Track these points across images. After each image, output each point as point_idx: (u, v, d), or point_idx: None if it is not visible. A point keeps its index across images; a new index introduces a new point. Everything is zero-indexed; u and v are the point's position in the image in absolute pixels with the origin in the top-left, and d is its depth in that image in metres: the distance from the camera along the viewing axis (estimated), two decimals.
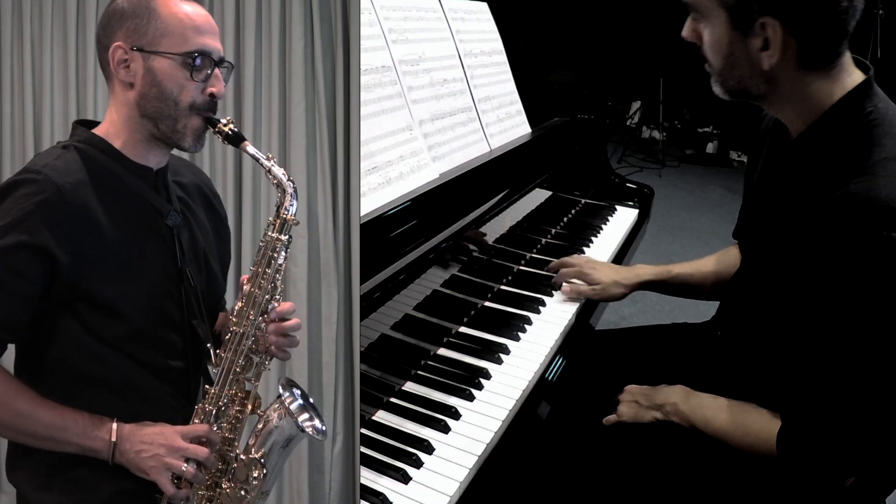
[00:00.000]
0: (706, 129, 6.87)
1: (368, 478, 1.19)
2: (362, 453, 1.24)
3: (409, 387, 1.43)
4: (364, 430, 1.31)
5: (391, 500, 1.15)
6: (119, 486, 1.19)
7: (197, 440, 1.18)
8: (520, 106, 2.19)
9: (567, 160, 2.35)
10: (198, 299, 1.27)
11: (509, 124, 2.10)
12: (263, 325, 1.22)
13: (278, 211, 1.21)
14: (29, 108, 2.51)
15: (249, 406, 1.24)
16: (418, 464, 1.22)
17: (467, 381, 1.43)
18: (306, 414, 1.22)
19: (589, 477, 1.38)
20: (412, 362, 1.48)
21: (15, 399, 1.14)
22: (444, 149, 1.76)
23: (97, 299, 1.16)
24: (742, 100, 1.25)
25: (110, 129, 1.23)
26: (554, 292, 1.80)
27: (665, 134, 6.72)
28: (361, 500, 1.16)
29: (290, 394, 1.22)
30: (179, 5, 1.20)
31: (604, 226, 2.30)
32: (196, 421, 1.21)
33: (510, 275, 1.89)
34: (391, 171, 1.53)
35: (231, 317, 1.23)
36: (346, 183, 2.27)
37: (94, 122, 1.27)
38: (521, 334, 1.61)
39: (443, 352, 1.55)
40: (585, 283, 1.78)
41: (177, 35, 1.18)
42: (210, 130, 1.22)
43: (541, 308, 1.73)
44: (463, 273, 1.65)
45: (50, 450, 1.17)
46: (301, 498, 2.32)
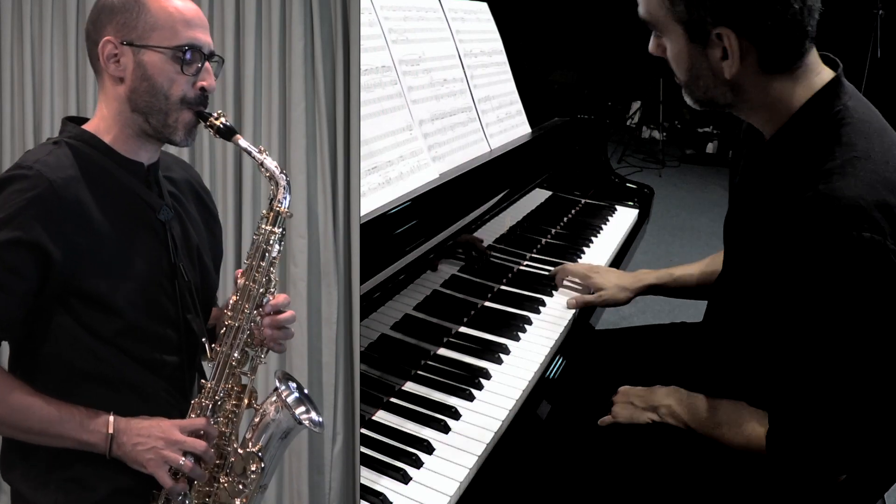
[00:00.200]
0: (706, 129, 6.87)
1: (368, 478, 1.19)
2: (362, 453, 1.24)
3: (409, 387, 1.43)
4: (364, 430, 1.31)
5: (391, 500, 1.15)
6: (116, 484, 1.18)
7: (195, 434, 1.17)
8: (520, 106, 2.20)
9: (567, 160, 2.35)
10: (192, 294, 1.27)
11: (509, 124, 2.10)
12: (258, 319, 1.22)
13: (271, 204, 1.21)
14: (29, 108, 2.51)
15: (245, 400, 1.24)
16: (418, 464, 1.22)
17: (467, 381, 1.43)
18: (303, 407, 1.22)
19: (588, 477, 1.38)
20: (412, 362, 1.48)
21: (10, 394, 1.13)
22: (444, 149, 1.76)
23: (91, 295, 1.15)
24: (712, 109, 1.26)
25: (100, 125, 1.23)
26: (554, 292, 1.81)
27: (665, 134, 6.72)
28: (361, 500, 1.16)
29: (286, 387, 1.22)
30: None
31: (604, 226, 2.30)
32: (192, 416, 1.21)
33: (510, 275, 1.89)
34: (391, 171, 1.53)
35: (226, 311, 1.23)
36: (346, 183, 2.27)
37: (84, 119, 1.26)
38: (521, 334, 1.61)
39: (443, 352, 1.55)
40: (589, 290, 1.79)
41: (167, 29, 1.18)
42: (202, 124, 1.21)
43: (541, 308, 1.73)
44: (463, 273, 1.65)
45: (46, 445, 1.16)
46: (301, 498, 2.32)
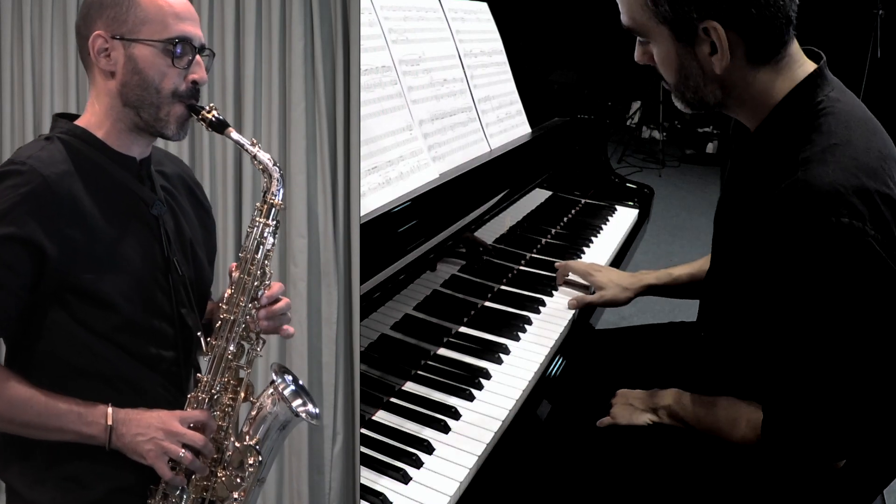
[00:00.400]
0: (706, 129, 6.87)
1: (368, 478, 1.19)
2: (362, 453, 1.24)
3: (410, 387, 1.43)
4: (364, 430, 1.31)
5: (391, 500, 1.15)
6: (113, 483, 1.18)
7: (195, 426, 1.17)
8: (520, 106, 2.19)
9: (567, 160, 2.35)
10: (186, 288, 1.27)
11: (509, 124, 2.10)
12: (254, 312, 1.22)
13: (265, 196, 1.21)
14: (29, 108, 2.51)
15: (242, 394, 1.23)
16: (418, 464, 1.22)
17: (467, 381, 1.43)
18: (300, 399, 1.22)
19: (588, 477, 1.38)
20: (412, 362, 1.48)
21: (6, 388, 1.13)
22: (444, 149, 1.76)
23: (87, 290, 1.15)
24: (703, 110, 1.27)
25: (92, 120, 1.22)
26: (554, 292, 1.81)
27: (665, 134, 6.72)
28: (361, 500, 1.16)
29: (282, 379, 1.22)
30: None
31: (604, 226, 2.30)
32: (190, 410, 1.21)
33: (510, 275, 1.89)
34: (391, 171, 1.53)
35: (221, 304, 1.22)
36: (346, 183, 2.27)
37: (75, 115, 1.26)
38: (521, 334, 1.61)
39: (443, 352, 1.55)
40: (590, 289, 1.79)
41: (157, 22, 1.18)
42: (194, 118, 1.21)
43: (541, 308, 1.73)
44: (463, 273, 1.65)
45: (45, 439, 1.15)
46: (301, 498, 2.32)
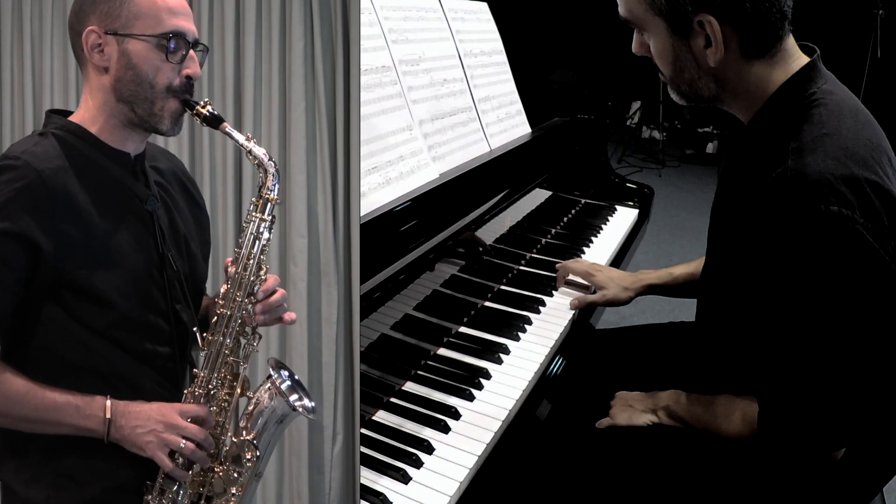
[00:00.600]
0: (706, 129, 6.87)
1: (368, 478, 1.19)
2: (362, 453, 1.24)
3: (410, 387, 1.43)
4: (364, 430, 1.31)
5: (391, 500, 1.15)
6: (109, 481, 1.18)
7: (194, 420, 1.17)
8: (520, 106, 2.19)
9: (567, 160, 2.35)
10: (181, 284, 1.27)
11: (509, 124, 2.10)
12: (250, 307, 1.21)
13: (260, 191, 1.20)
14: (29, 108, 2.50)
15: (238, 389, 1.23)
16: (418, 464, 1.22)
17: (467, 381, 1.43)
18: (296, 394, 1.23)
19: (588, 477, 1.38)
20: (412, 362, 1.48)
21: (4, 382, 1.12)
22: (444, 149, 1.76)
23: (82, 286, 1.15)
24: (697, 103, 1.27)
25: (86, 116, 1.22)
26: (554, 292, 1.81)
27: (665, 134, 6.72)
28: (361, 500, 1.16)
29: (278, 374, 1.23)
30: None
31: (604, 226, 2.30)
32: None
33: (510, 275, 1.89)
34: (391, 171, 1.53)
35: (217, 299, 1.22)
36: (346, 183, 2.27)
37: (68, 111, 1.25)
38: (521, 334, 1.61)
39: (443, 352, 1.55)
40: (590, 289, 1.79)
41: (150, 17, 1.17)
42: (188, 113, 1.21)
43: (541, 308, 1.73)
44: (463, 273, 1.65)
45: (43, 433, 1.15)
46: (301, 498, 2.32)
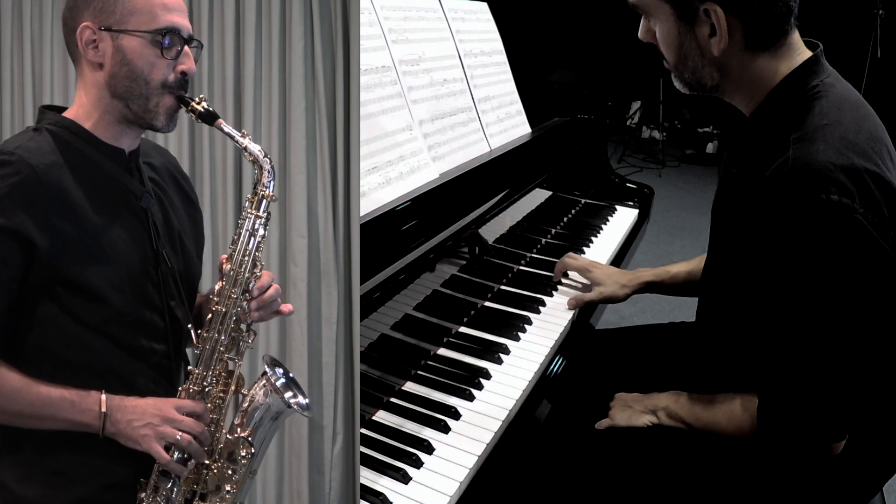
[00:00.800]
0: (706, 129, 6.86)
1: (368, 478, 1.19)
2: (362, 453, 1.24)
3: (409, 387, 1.43)
4: (364, 430, 1.31)
5: (391, 500, 1.15)
6: (104, 479, 1.18)
7: (191, 415, 1.17)
8: (520, 106, 2.20)
9: (567, 160, 2.35)
10: (175, 281, 1.26)
11: (509, 124, 2.10)
12: (245, 304, 1.21)
13: (256, 188, 1.20)
14: (29, 108, 2.50)
15: (233, 386, 1.23)
16: (418, 464, 1.22)
17: (467, 382, 1.43)
18: (290, 391, 1.23)
19: (588, 478, 1.38)
20: (412, 362, 1.48)
21: None
22: (444, 149, 1.76)
23: (77, 282, 1.14)
24: (700, 93, 1.29)
25: (80, 112, 1.22)
26: (554, 292, 1.81)
27: (665, 134, 6.72)
28: (361, 500, 1.16)
29: (273, 372, 1.23)
30: None
31: (604, 226, 2.30)
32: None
33: (510, 275, 1.89)
34: (391, 171, 1.53)
35: (212, 296, 1.22)
36: (346, 183, 2.27)
37: (62, 107, 1.25)
38: (521, 334, 1.61)
39: (443, 352, 1.55)
40: (588, 287, 1.79)
41: (145, 13, 1.17)
42: (183, 109, 1.20)
43: (541, 308, 1.73)
44: (463, 273, 1.65)
45: (38, 428, 1.15)
46: (301, 498, 2.32)
